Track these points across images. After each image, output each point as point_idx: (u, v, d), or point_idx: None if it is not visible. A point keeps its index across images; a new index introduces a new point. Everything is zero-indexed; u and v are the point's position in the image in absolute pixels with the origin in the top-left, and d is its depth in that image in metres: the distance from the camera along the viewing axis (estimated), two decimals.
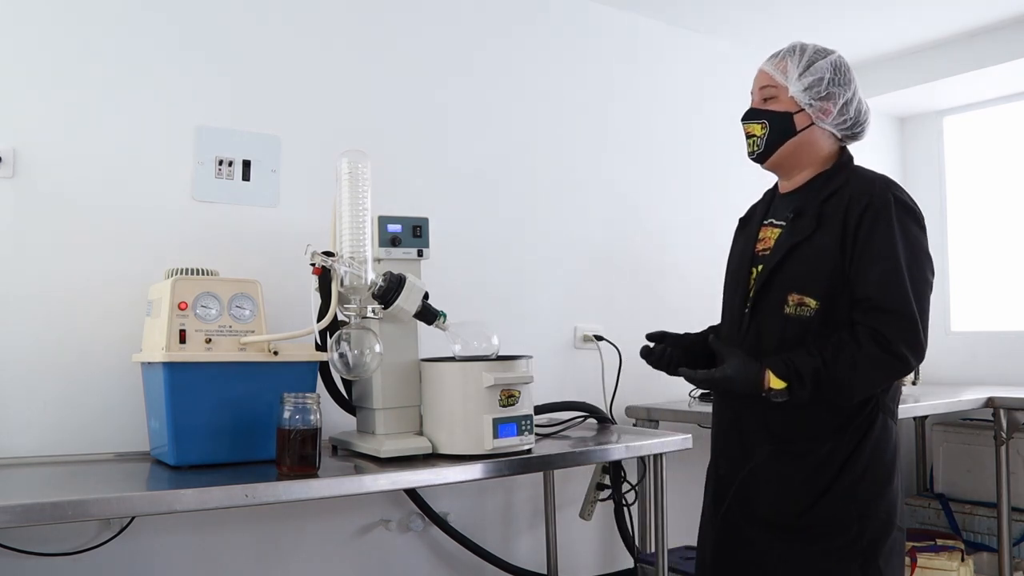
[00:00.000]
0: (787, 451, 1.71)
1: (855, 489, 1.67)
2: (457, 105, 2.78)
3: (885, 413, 1.72)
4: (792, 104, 1.76)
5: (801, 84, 1.75)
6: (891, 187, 1.71)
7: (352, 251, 1.85)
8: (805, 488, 1.69)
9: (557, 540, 2.75)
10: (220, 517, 2.23)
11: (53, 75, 2.09)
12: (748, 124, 1.83)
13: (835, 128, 1.78)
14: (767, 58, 1.85)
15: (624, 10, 3.22)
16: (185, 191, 2.26)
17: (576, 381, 2.93)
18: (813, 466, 1.68)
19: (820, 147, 1.79)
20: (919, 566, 2.99)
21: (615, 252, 3.14)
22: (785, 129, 1.76)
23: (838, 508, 1.67)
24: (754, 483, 1.75)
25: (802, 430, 1.70)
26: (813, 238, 1.70)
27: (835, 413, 1.67)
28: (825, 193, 1.74)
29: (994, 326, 3.98)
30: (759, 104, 1.82)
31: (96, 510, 1.48)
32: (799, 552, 1.68)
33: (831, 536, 1.66)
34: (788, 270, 1.72)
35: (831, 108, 1.76)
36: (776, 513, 1.72)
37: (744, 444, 1.78)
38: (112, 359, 2.09)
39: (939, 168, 4.20)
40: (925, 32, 3.59)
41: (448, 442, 1.91)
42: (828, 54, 1.78)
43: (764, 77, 1.82)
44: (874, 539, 1.66)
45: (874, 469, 1.69)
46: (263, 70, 2.40)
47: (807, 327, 1.69)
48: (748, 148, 1.84)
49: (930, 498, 3.76)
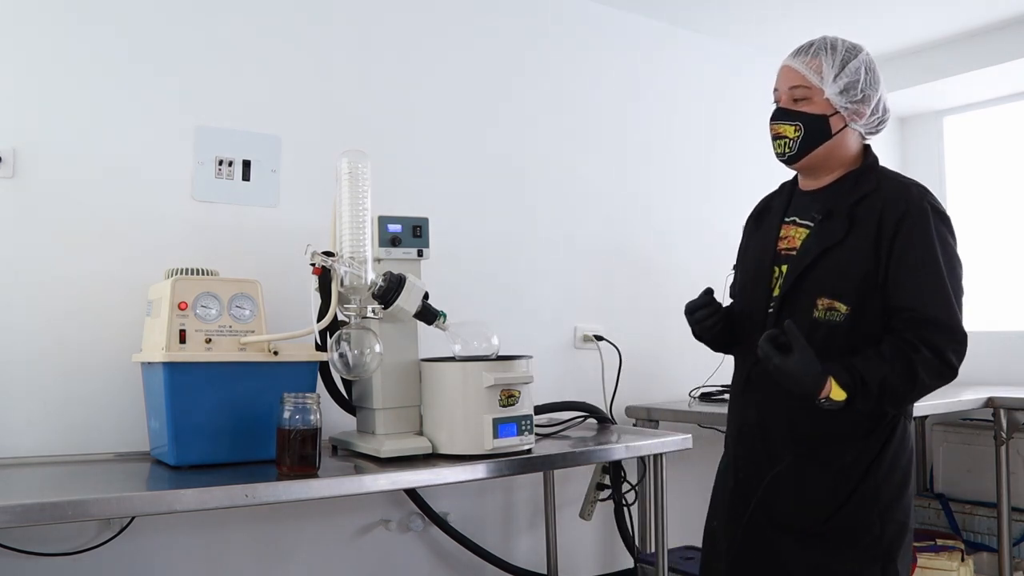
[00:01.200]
0: (813, 457, 1.69)
1: (878, 493, 1.66)
2: (457, 105, 2.78)
3: (906, 417, 1.72)
4: (828, 107, 1.71)
5: (837, 86, 1.70)
6: (926, 195, 1.69)
7: (352, 251, 1.85)
8: (830, 494, 1.67)
9: (557, 540, 2.75)
10: (220, 517, 2.23)
11: (53, 75, 2.09)
12: (779, 125, 1.75)
13: (865, 127, 1.75)
14: (793, 53, 1.77)
15: (623, 10, 3.22)
16: (185, 191, 2.25)
17: (576, 381, 2.93)
18: (838, 472, 1.67)
19: (850, 147, 1.75)
20: (919, 566, 2.99)
21: (615, 252, 3.14)
22: (821, 132, 1.71)
23: (861, 512, 1.66)
24: (777, 489, 1.72)
25: (829, 435, 1.67)
26: (846, 242, 1.67)
27: (861, 418, 1.65)
28: (856, 196, 1.70)
29: (994, 326, 3.97)
30: (789, 104, 1.74)
31: (96, 510, 1.48)
32: (823, 557, 1.67)
33: (855, 540, 1.65)
34: (818, 273, 1.68)
35: (865, 110, 1.72)
36: (800, 519, 1.70)
37: (768, 449, 1.75)
38: (112, 359, 2.09)
39: (939, 168, 4.20)
40: (925, 32, 3.59)
41: (448, 442, 1.91)
42: (858, 52, 1.73)
43: (795, 76, 1.73)
44: (893, 540, 1.66)
45: (894, 473, 1.68)
46: (263, 70, 2.40)
47: (835, 332, 1.66)
48: (777, 149, 1.77)
49: (930, 498, 3.76)
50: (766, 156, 1.92)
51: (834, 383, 1.56)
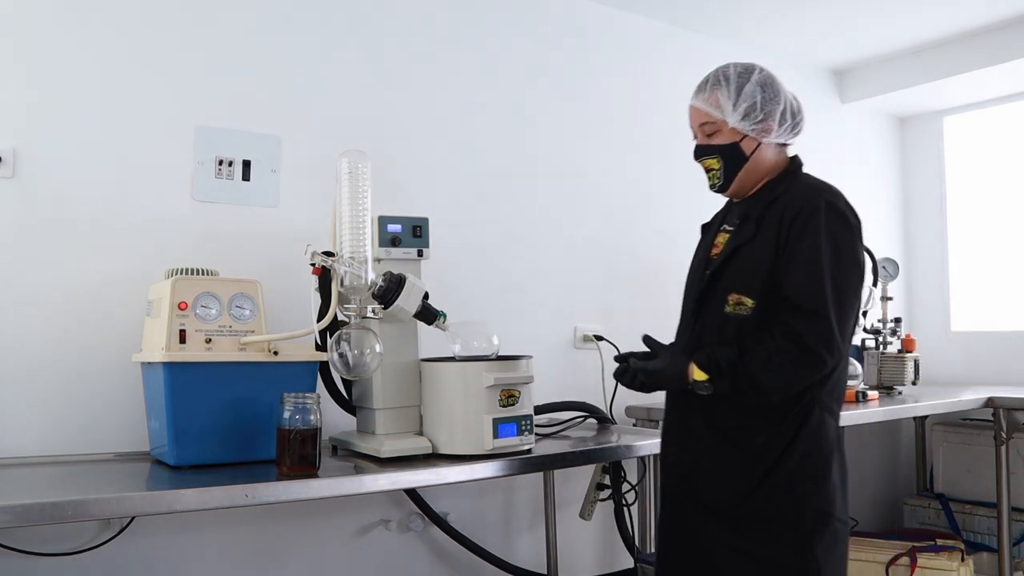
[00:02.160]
0: (727, 441, 1.78)
1: (790, 480, 1.72)
2: (457, 105, 2.78)
3: (822, 408, 1.76)
4: (735, 134, 1.82)
5: (738, 114, 1.81)
6: (824, 193, 1.77)
7: (352, 251, 1.86)
8: (743, 475, 1.75)
9: (557, 540, 2.75)
10: (220, 517, 2.23)
11: (53, 75, 2.09)
12: (704, 160, 1.88)
13: (778, 138, 1.85)
14: (695, 92, 1.89)
15: (623, 10, 3.22)
16: (185, 191, 2.25)
17: (576, 381, 2.93)
18: (750, 455, 1.75)
19: (768, 159, 1.85)
20: (919, 566, 2.99)
21: (616, 252, 3.14)
22: (738, 157, 1.83)
23: (774, 497, 1.73)
24: (697, 470, 1.82)
25: (739, 422, 1.76)
26: (753, 242, 1.79)
27: (771, 407, 1.73)
28: (768, 199, 1.82)
29: (994, 326, 3.98)
30: (704, 140, 1.87)
31: (96, 510, 1.48)
32: (740, 539, 1.75)
33: (768, 524, 1.73)
34: (730, 272, 1.81)
35: (772, 125, 1.82)
36: (718, 500, 1.79)
37: (690, 435, 1.85)
38: (112, 359, 2.09)
39: (939, 168, 4.20)
40: (925, 32, 3.58)
41: (448, 442, 1.91)
42: (751, 73, 1.83)
43: (700, 114, 1.86)
44: (812, 529, 1.72)
45: (809, 462, 1.74)
46: (263, 70, 2.40)
47: (744, 325, 1.76)
48: (710, 182, 1.90)
49: (930, 498, 3.76)
50: None
51: (694, 366, 1.73)
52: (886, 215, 4.20)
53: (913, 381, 3.32)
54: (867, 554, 3.10)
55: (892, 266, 3.50)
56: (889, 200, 4.24)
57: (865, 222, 1.81)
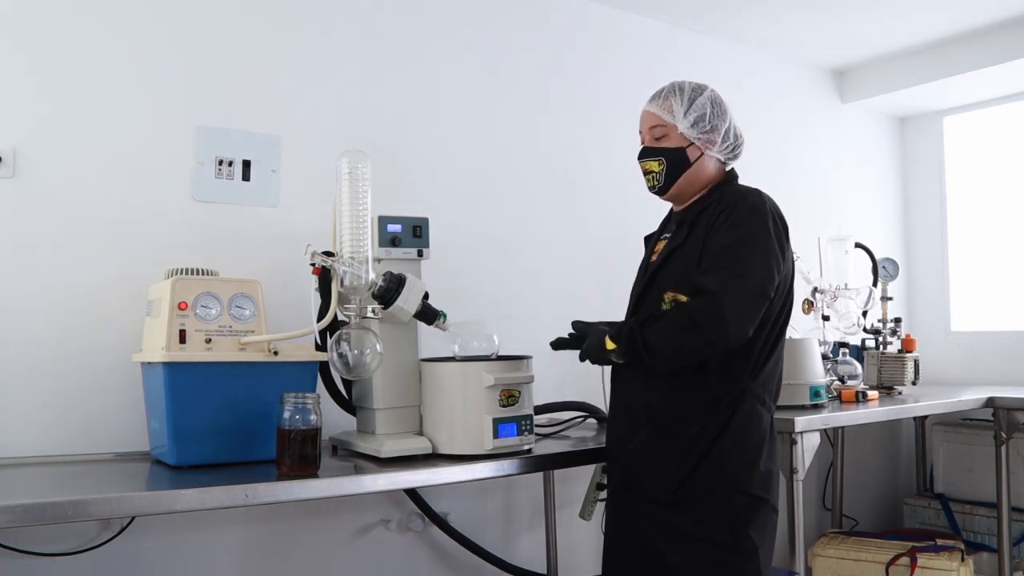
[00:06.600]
0: (663, 431, 1.88)
1: (722, 464, 1.83)
2: (457, 105, 2.78)
3: (754, 398, 1.87)
4: (683, 139, 1.95)
5: (688, 121, 1.94)
6: (750, 196, 1.89)
7: (352, 251, 1.86)
8: (678, 465, 1.85)
9: (557, 540, 2.75)
10: (220, 517, 2.23)
11: (53, 75, 2.09)
12: (646, 162, 2.00)
13: (720, 154, 1.98)
14: (649, 100, 2.01)
15: (623, 11, 3.22)
16: (185, 191, 2.26)
17: (576, 381, 2.92)
18: (686, 445, 1.85)
19: (708, 171, 1.98)
20: (919, 566, 2.99)
21: (616, 252, 3.13)
22: (681, 162, 1.96)
23: (707, 480, 1.83)
24: (635, 462, 1.92)
25: (676, 413, 1.87)
26: (686, 244, 1.92)
27: (703, 397, 1.85)
28: (701, 207, 1.95)
29: (994, 326, 3.98)
30: (652, 143, 1.99)
31: (96, 510, 1.48)
32: (676, 521, 1.85)
33: (702, 504, 1.83)
34: (666, 272, 1.94)
35: (716, 138, 1.96)
36: (655, 489, 1.87)
37: (631, 426, 1.95)
38: (112, 359, 2.09)
39: (939, 168, 4.20)
40: (925, 32, 3.59)
41: (448, 442, 1.91)
42: (704, 90, 1.98)
43: (652, 118, 1.99)
44: (745, 511, 1.83)
45: (740, 448, 1.85)
46: (263, 70, 2.40)
47: None
48: (648, 183, 2.02)
49: (930, 498, 3.76)
50: (766, 156, 1.93)
51: (607, 338, 1.91)
52: (886, 215, 4.20)
53: (913, 381, 3.31)
54: (867, 554, 3.10)
55: (892, 266, 3.50)
56: (889, 200, 4.24)
57: (865, 222, 1.82)
